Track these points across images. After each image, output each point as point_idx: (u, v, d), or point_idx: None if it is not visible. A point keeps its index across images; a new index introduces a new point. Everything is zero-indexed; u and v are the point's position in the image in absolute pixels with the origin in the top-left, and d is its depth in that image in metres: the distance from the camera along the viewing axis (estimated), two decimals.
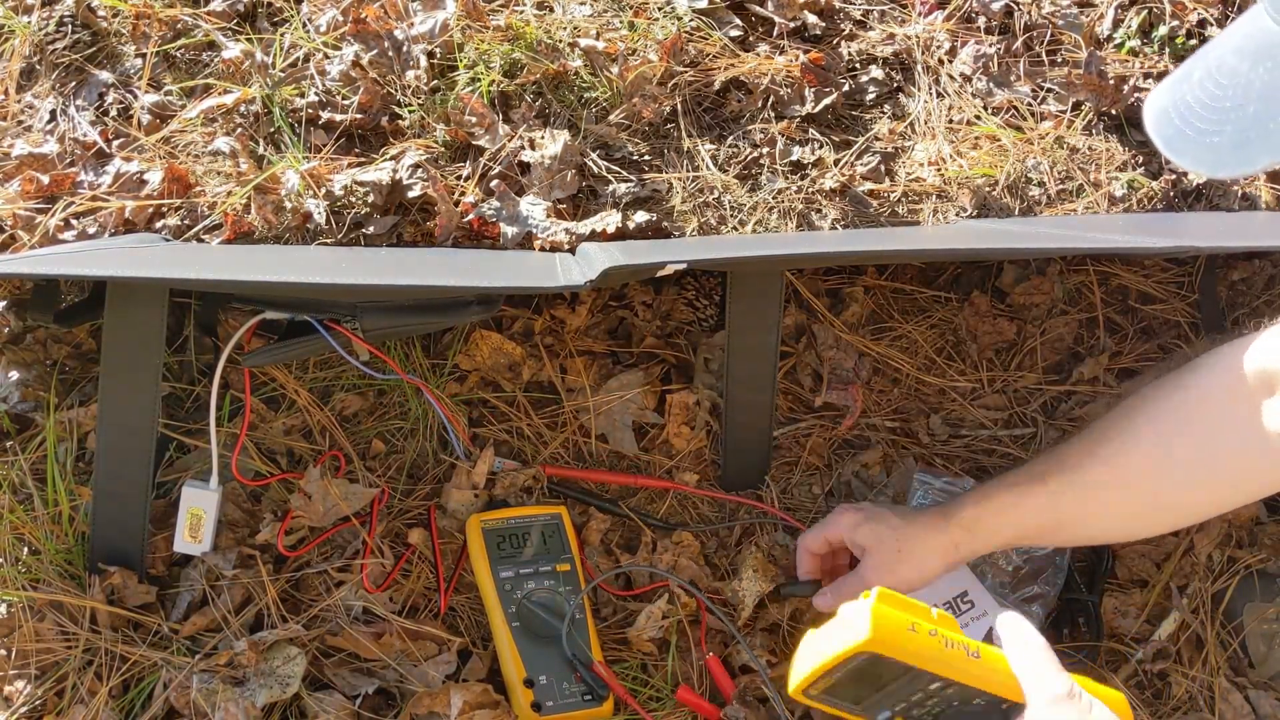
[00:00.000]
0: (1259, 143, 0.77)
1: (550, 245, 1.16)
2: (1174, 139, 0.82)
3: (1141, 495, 1.03)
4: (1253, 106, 0.78)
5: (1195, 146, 0.81)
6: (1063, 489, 1.04)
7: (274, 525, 1.11)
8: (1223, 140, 0.79)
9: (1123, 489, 1.02)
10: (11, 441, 1.16)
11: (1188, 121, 0.81)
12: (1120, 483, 1.02)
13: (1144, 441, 1.01)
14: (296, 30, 1.29)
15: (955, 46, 1.36)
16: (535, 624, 1.09)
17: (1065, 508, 1.04)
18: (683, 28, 1.29)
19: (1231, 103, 0.79)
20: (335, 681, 1.07)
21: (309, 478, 1.13)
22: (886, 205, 1.25)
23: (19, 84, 1.28)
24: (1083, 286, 1.35)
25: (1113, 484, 1.02)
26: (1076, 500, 1.04)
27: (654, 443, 1.26)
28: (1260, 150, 0.77)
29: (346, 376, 1.23)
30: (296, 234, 1.17)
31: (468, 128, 1.22)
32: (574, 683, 1.07)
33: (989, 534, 1.06)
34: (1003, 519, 1.06)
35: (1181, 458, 1.00)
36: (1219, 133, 0.79)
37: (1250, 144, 0.77)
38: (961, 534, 1.06)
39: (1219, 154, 0.79)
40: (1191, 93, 0.82)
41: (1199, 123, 0.81)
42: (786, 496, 1.25)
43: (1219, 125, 0.79)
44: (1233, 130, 0.78)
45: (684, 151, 1.25)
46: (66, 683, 1.05)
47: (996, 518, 1.06)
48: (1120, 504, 1.04)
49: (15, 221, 1.17)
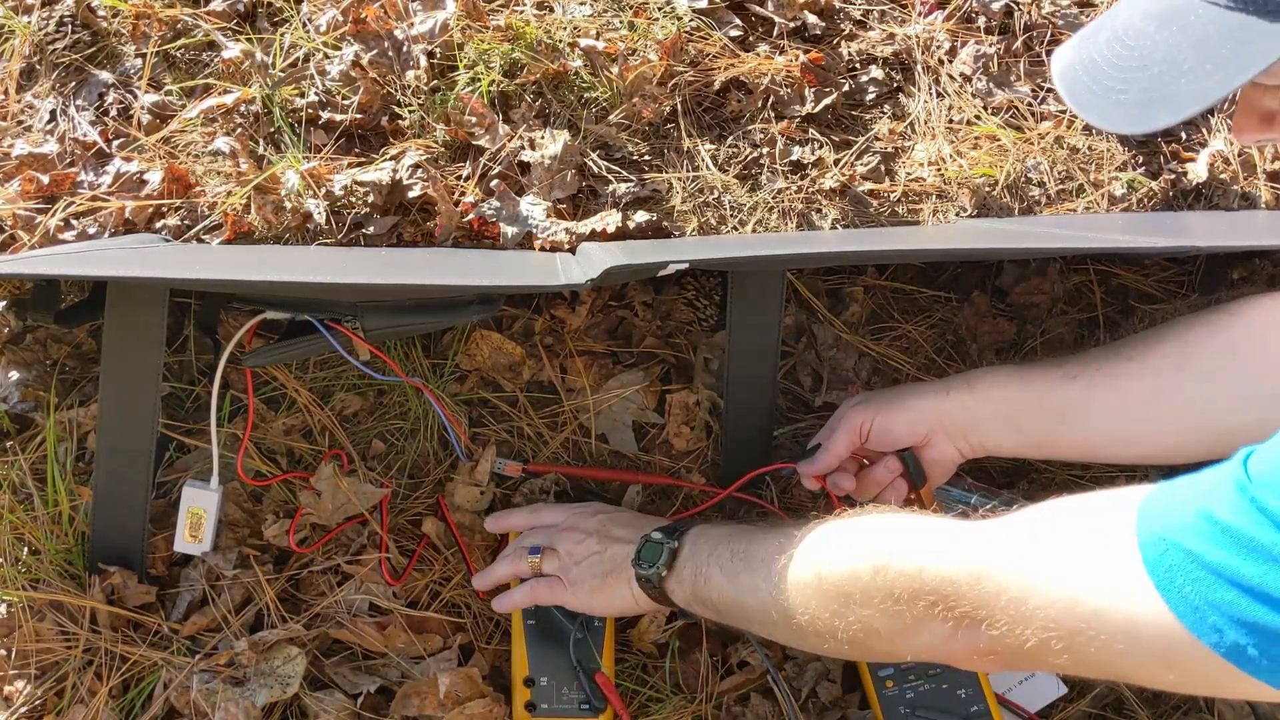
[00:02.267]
0: (1162, 102, 0.79)
1: (550, 245, 1.16)
2: (1079, 94, 0.84)
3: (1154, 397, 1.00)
4: (1158, 68, 0.80)
5: (1102, 103, 0.83)
6: (1074, 370, 1.02)
7: (283, 523, 1.12)
8: (1129, 99, 0.81)
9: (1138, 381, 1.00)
10: (11, 441, 1.16)
11: (1095, 79, 0.83)
12: (1136, 374, 1.00)
13: (1170, 339, 1.00)
14: (296, 30, 1.29)
15: (955, 46, 1.36)
16: (551, 626, 1.10)
17: (1070, 392, 1.01)
18: (683, 28, 1.29)
19: (1138, 63, 0.81)
20: (336, 680, 1.07)
21: (320, 475, 1.13)
22: (886, 205, 1.25)
23: (19, 84, 1.28)
24: (1083, 286, 1.35)
25: (1130, 375, 1.00)
26: (1085, 386, 1.01)
27: (654, 443, 1.26)
28: (1162, 110, 0.79)
29: (347, 376, 1.23)
30: (296, 234, 1.17)
31: (468, 128, 1.22)
32: (574, 689, 1.07)
33: (984, 395, 1.04)
34: (1004, 386, 1.04)
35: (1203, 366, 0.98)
36: (1125, 91, 0.81)
37: (1154, 103, 0.79)
38: (960, 387, 1.05)
39: (1125, 110, 0.81)
40: (1099, 51, 0.84)
41: (1106, 80, 0.83)
42: (786, 496, 1.25)
43: (1126, 84, 0.81)
44: (1138, 89, 0.80)
45: (684, 151, 1.25)
46: (66, 683, 1.05)
47: (996, 379, 1.05)
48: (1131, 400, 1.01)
49: (15, 221, 1.17)
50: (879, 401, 1.09)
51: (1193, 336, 1.00)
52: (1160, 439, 1.02)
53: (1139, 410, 1.01)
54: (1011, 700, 1.13)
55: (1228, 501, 0.65)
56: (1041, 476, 1.28)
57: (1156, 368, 1.00)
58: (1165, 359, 1.00)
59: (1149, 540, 0.68)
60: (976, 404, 1.05)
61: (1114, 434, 1.03)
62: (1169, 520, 0.68)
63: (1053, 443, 1.06)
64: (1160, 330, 1.04)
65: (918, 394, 1.08)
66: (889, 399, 1.09)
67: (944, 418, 1.06)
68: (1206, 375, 0.98)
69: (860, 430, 1.09)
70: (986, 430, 1.06)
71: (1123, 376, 1.01)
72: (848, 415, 1.10)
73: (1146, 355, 1.02)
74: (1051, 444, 1.06)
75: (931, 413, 1.06)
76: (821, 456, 1.11)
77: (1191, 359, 0.99)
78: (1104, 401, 1.01)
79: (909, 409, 1.07)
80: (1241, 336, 0.98)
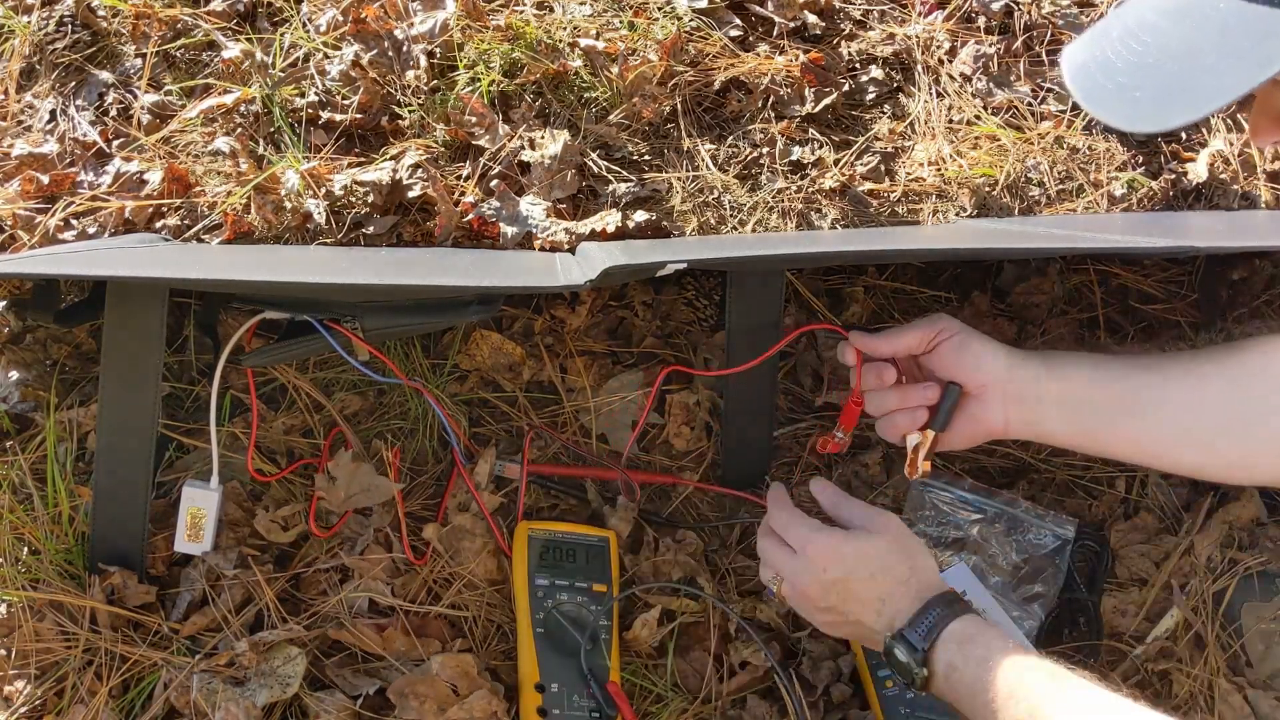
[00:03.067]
0: (1180, 98, 0.78)
1: (550, 245, 1.16)
2: (1093, 92, 0.83)
3: (1227, 404, 0.97)
4: (1175, 65, 0.78)
5: (1117, 100, 0.81)
6: (1150, 362, 1.00)
7: (274, 515, 1.12)
8: (1144, 95, 0.80)
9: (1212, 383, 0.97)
10: (11, 441, 1.16)
11: (1109, 77, 0.82)
12: (1213, 375, 0.97)
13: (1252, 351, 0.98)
14: (296, 30, 1.29)
15: (955, 46, 1.36)
16: (559, 634, 1.10)
17: (1144, 380, 0.99)
18: (683, 28, 1.29)
19: (1154, 60, 0.80)
20: (336, 681, 1.07)
21: (339, 461, 1.13)
22: (886, 205, 1.25)
23: (19, 84, 1.28)
24: (1083, 286, 1.35)
25: (1207, 376, 0.98)
26: (1161, 379, 0.99)
27: (654, 443, 1.26)
28: (1180, 107, 0.78)
29: (347, 376, 1.23)
30: (296, 234, 1.17)
31: (468, 128, 1.22)
32: (584, 697, 1.07)
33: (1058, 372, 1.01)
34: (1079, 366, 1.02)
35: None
36: (1141, 88, 0.80)
37: (1172, 100, 0.78)
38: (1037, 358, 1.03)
39: (1141, 108, 0.80)
40: (1112, 48, 0.83)
41: (1121, 78, 0.81)
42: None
43: (1141, 81, 0.80)
44: (1154, 86, 0.79)
45: (684, 151, 1.25)
46: (66, 683, 1.05)
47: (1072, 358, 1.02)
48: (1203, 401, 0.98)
49: (15, 221, 1.17)
50: (969, 329, 1.06)
51: (1273, 350, 0.98)
52: (1223, 450, 0.99)
53: (1209, 415, 0.98)
54: None
55: None
56: (1041, 477, 1.29)
57: (1234, 376, 0.98)
58: (1243, 368, 0.98)
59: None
60: (1049, 378, 1.02)
61: (1178, 434, 0.99)
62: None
63: (1111, 434, 1.02)
64: (1241, 342, 1.02)
65: (1003, 347, 1.05)
66: (978, 333, 1.05)
67: (1014, 380, 1.03)
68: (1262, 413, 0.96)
69: (938, 335, 1.05)
70: (1048, 410, 1.03)
71: (1198, 376, 0.99)
72: (936, 317, 1.07)
73: (1225, 361, 0.99)
74: (1110, 436, 1.02)
75: (1005, 369, 1.03)
76: (882, 336, 1.07)
77: (1271, 373, 0.96)
78: (1177, 398, 0.99)
79: (990, 349, 1.04)
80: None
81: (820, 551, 1.00)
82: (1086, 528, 1.24)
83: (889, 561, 0.98)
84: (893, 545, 0.99)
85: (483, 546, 1.15)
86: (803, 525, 1.03)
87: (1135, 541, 1.23)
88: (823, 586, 0.99)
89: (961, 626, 0.93)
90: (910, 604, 0.96)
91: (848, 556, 0.99)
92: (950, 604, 0.95)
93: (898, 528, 1.01)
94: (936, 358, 1.06)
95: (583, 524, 1.19)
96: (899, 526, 1.01)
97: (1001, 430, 1.05)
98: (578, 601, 1.12)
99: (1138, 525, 1.24)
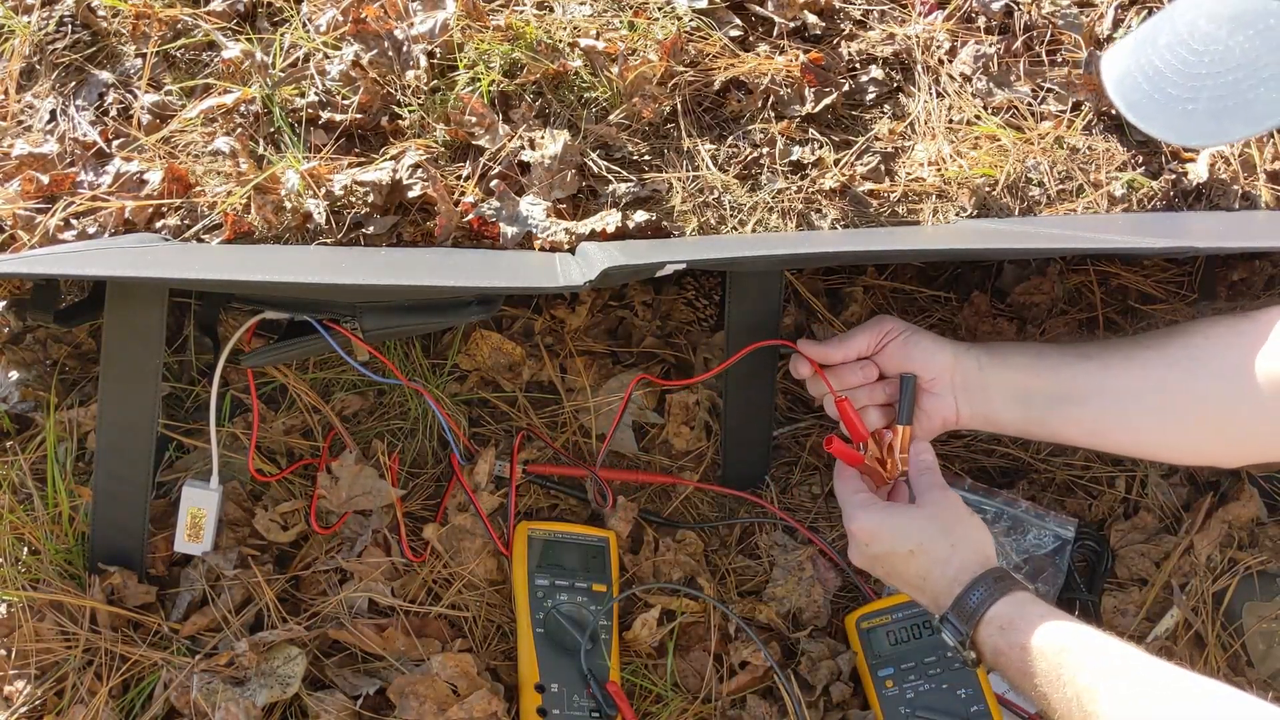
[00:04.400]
0: (1237, 112, 0.75)
1: (550, 245, 1.16)
2: (1142, 104, 0.80)
3: (1166, 387, 0.97)
4: (1232, 75, 0.75)
5: (1167, 113, 0.79)
6: (1091, 351, 1.00)
7: (296, 504, 1.12)
8: (1198, 108, 0.77)
9: (1151, 369, 0.98)
10: (11, 441, 1.16)
11: (1158, 87, 0.79)
12: (1152, 362, 0.98)
13: (1192, 334, 0.98)
14: (296, 30, 1.29)
15: (955, 46, 1.36)
16: (559, 634, 1.10)
17: (1083, 369, 1.00)
18: (683, 28, 1.29)
19: (1208, 70, 0.77)
20: (336, 681, 1.07)
21: (343, 461, 1.13)
22: (886, 205, 1.25)
23: (19, 84, 1.28)
24: (1083, 286, 1.35)
25: (1145, 362, 0.98)
26: (1100, 366, 0.99)
27: (654, 443, 1.26)
28: (1238, 120, 0.75)
29: (347, 376, 1.23)
30: (296, 234, 1.17)
31: (468, 128, 1.22)
32: (584, 697, 1.07)
33: (1001, 360, 1.03)
34: (1021, 355, 1.03)
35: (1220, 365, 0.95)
36: (1194, 100, 0.77)
37: (1228, 113, 0.75)
38: (981, 348, 1.04)
39: (1194, 122, 0.77)
40: (1160, 57, 0.80)
41: (1171, 89, 0.78)
42: (786, 496, 1.25)
43: (1194, 92, 0.77)
44: (1209, 98, 0.76)
45: (684, 151, 1.25)
46: (66, 683, 1.05)
47: (1015, 348, 1.04)
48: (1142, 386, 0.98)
49: (15, 221, 1.17)
50: (913, 326, 1.08)
51: (1214, 334, 0.98)
52: (1167, 432, 1.00)
53: (1149, 398, 0.99)
54: (1011, 700, 1.13)
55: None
56: (1041, 477, 1.29)
57: (1173, 358, 0.98)
58: (1183, 350, 0.98)
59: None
60: (993, 366, 1.04)
61: (1121, 419, 1.01)
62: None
63: (1058, 420, 1.04)
64: (1184, 325, 1.02)
65: (947, 340, 1.07)
66: (921, 330, 1.08)
67: (959, 369, 1.05)
68: (1222, 375, 0.95)
69: (883, 336, 1.07)
70: (994, 397, 1.04)
71: (1138, 362, 0.99)
72: (880, 319, 1.08)
73: (1165, 345, 1.00)
74: (1057, 422, 1.04)
75: (950, 359, 1.05)
76: (831, 343, 1.09)
77: (1209, 355, 0.96)
78: (1115, 384, 1.00)
79: (936, 342, 1.06)
80: (1261, 341, 0.94)
81: (861, 529, 1.01)
82: (1086, 528, 1.24)
83: (926, 539, 0.97)
84: (931, 522, 0.99)
85: (483, 546, 1.15)
86: (849, 499, 1.04)
87: (1135, 541, 1.23)
88: (868, 560, 1.01)
89: (1004, 609, 0.91)
90: (950, 585, 0.95)
91: (884, 534, 0.99)
92: (996, 583, 0.93)
93: (943, 502, 1.00)
94: (886, 357, 1.08)
95: (583, 524, 1.19)
96: (946, 502, 1.01)
97: (955, 420, 1.06)
98: (577, 602, 1.12)
99: (1138, 525, 1.24)
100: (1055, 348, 1.06)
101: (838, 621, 1.18)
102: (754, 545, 1.22)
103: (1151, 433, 1.01)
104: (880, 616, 1.15)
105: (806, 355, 1.09)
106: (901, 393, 1.06)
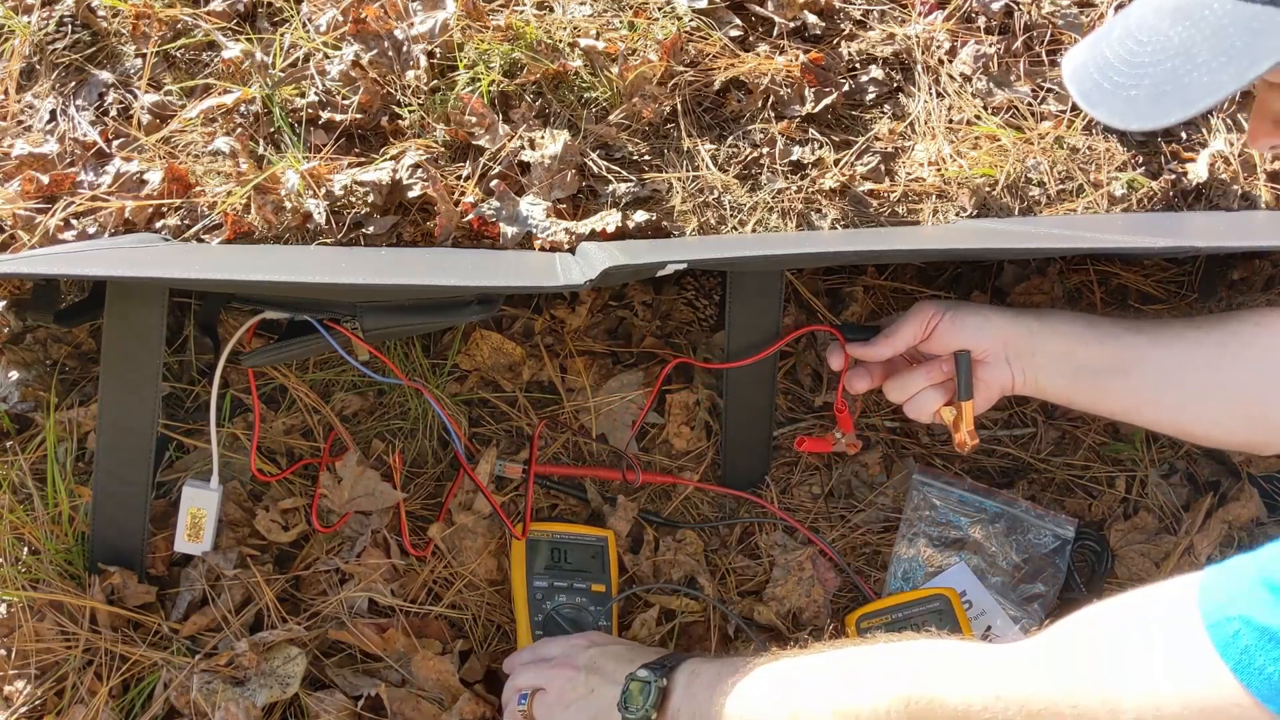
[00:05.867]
0: (1174, 96, 0.79)
1: (550, 245, 1.16)
2: (1091, 92, 0.84)
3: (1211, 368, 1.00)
4: (1170, 62, 0.79)
5: (1111, 99, 0.83)
6: (1142, 325, 1.02)
7: (297, 502, 1.12)
8: (1139, 94, 0.81)
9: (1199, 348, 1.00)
10: (11, 441, 1.16)
11: (1105, 75, 0.83)
12: (1200, 341, 1.00)
13: (1244, 320, 1.01)
14: (296, 30, 1.29)
15: (955, 46, 1.36)
16: (559, 634, 1.10)
17: (1131, 341, 1.02)
18: (683, 28, 1.29)
19: (1150, 59, 0.81)
20: (336, 681, 1.07)
21: (346, 461, 1.13)
22: (886, 205, 1.25)
23: (19, 84, 1.28)
24: (1083, 286, 1.35)
25: (1194, 341, 1.00)
26: (1148, 341, 1.01)
27: (654, 443, 1.26)
28: (1175, 104, 0.79)
29: (347, 376, 1.23)
30: (296, 234, 1.17)
31: (468, 128, 1.22)
32: None
33: (1052, 328, 1.05)
34: (1073, 323, 1.05)
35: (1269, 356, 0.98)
36: (1136, 86, 0.81)
37: (1166, 97, 0.79)
38: (1031, 315, 1.06)
39: (1135, 106, 0.81)
40: (1111, 49, 0.84)
41: (1117, 76, 0.82)
42: (786, 497, 1.25)
43: (1137, 80, 0.81)
44: (1149, 84, 0.80)
45: (684, 151, 1.25)
46: (66, 683, 1.05)
47: (1066, 316, 1.06)
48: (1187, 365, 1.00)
49: (15, 221, 1.17)
50: (954, 303, 1.09)
51: (1267, 322, 1.00)
52: (1207, 414, 1.02)
53: (1193, 377, 1.01)
54: None
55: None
56: (1041, 477, 1.29)
57: (1222, 341, 1.01)
58: (1233, 335, 1.01)
59: (1216, 621, 0.67)
60: (1043, 333, 1.06)
61: (1163, 396, 1.03)
62: (1235, 600, 0.67)
63: (1102, 392, 1.06)
64: (1238, 312, 1.05)
65: (992, 309, 1.08)
66: (964, 304, 1.09)
67: (1010, 338, 1.06)
68: (1268, 364, 0.98)
69: (929, 323, 1.08)
70: (1043, 364, 1.06)
71: (1186, 340, 1.01)
72: (920, 306, 1.09)
73: (1215, 328, 1.02)
74: (1100, 393, 1.06)
75: (1000, 330, 1.06)
76: (879, 340, 1.10)
77: (1260, 343, 0.99)
78: (1161, 359, 1.02)
79: (983, 315, 1.07)
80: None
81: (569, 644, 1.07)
82: (1086, 528, 1.24)
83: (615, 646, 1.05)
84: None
85: (483, 546, 1.15)
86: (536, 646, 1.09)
87: (1135, 541, 1.23)
88: (579, 669, 1.03)
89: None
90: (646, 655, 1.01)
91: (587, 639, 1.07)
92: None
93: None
94: (934, 341, 1.09)
95: (582, 524, 1.19)
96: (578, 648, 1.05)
97: (1012, 386, 1.08)
98: (577, 602, 1.12)
99: (1138, 525, 1.24)
100: (1108, 319, 1.08)
101: (838, 621, 1.18)
102: (754, 545, 1.22)
103: (1191, 415, 1.03)
104: (880, 616, 1.15)
105: (856, 355, 1.12)
106: (958, 370, 1.08)
